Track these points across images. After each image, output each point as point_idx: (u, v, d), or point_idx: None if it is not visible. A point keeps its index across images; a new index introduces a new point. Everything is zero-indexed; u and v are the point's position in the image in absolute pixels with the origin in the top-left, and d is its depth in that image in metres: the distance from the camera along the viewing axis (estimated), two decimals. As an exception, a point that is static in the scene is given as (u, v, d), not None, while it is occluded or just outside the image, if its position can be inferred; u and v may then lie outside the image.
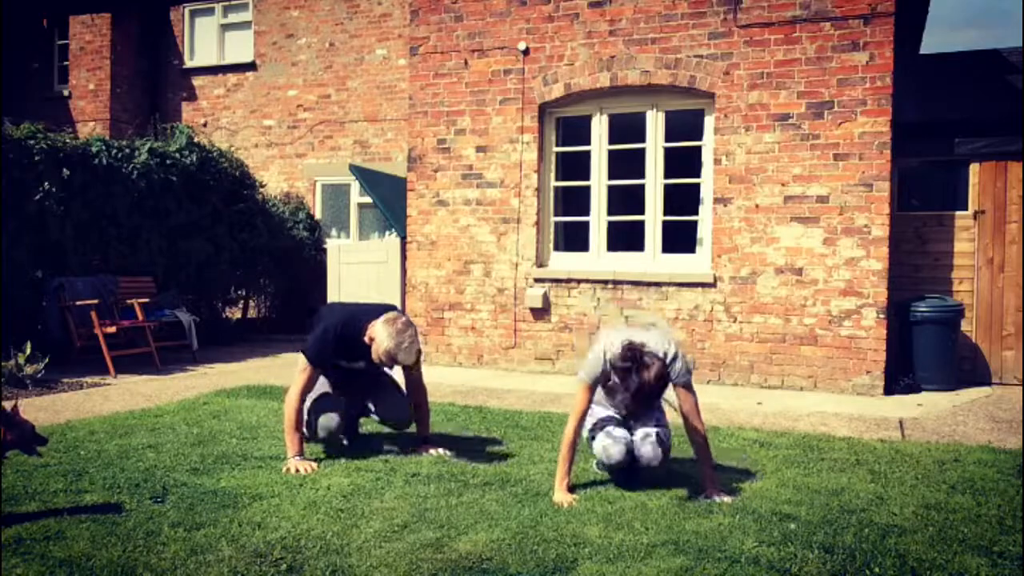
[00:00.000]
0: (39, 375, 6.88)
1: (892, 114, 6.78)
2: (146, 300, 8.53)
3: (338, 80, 12.98)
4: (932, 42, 44.49)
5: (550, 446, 4.65)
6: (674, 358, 3.79)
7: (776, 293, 7.13)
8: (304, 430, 4.38)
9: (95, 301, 7.86)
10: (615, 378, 3.76)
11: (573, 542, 3.16)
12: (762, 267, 7.17)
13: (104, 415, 5.68)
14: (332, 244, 11.34)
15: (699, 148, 7.58)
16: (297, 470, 4.13)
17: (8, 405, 3.41)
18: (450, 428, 5.25)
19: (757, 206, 7.18)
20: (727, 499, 3.72)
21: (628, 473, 4.01)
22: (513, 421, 5.54)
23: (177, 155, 9.52)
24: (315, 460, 4.29)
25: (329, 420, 4.41)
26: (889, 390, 6.88)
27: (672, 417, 4.09)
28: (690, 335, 7.37)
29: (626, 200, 7.98)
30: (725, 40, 7.23)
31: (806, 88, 6.98)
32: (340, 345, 4.30)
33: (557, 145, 8.10)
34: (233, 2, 13.79)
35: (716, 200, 7.33)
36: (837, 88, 6.88)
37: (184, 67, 14.11)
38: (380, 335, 4.09)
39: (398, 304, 5.06)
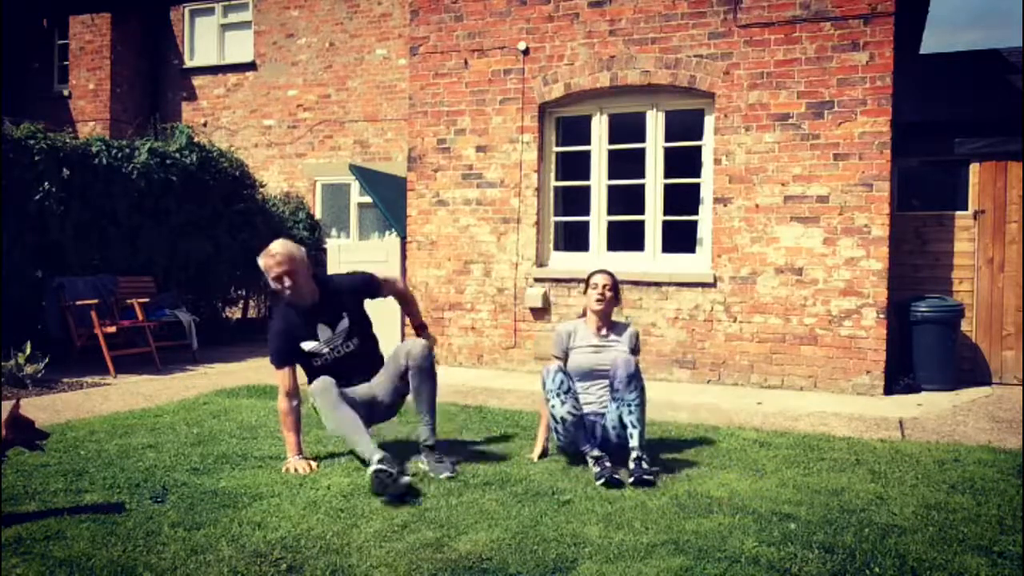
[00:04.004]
0: (39, 375, 6.88)
1: (892, 114, 6.78)
2: (146, 300, 8.52)
3: (338, 80, 12.98)
4: (932, 42, 44.53)
5: (550, 446, 4.65)
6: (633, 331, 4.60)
7: (776, 293, 7.13)
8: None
9: (95, 301, 7.85)
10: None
11: (573, 542, 3.15)
12: (762, 267, 7.17)
13: (104, 415, 5.68)
14: (332, 244, 11.31)
15: (699, 148, 7.57)
16: (297, 470, 4.14)
17: (7, 405, 3.41)
18: (450, 428, 5.25)
19: (757, 206, 7.18)
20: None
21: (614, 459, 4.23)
22: (513, 421, 5.54)
23: (177, 155, 9.51)
24: (315, 460, 4.29)
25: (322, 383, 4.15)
26: (889, 390, 6.88)
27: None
28: (690, 335, 7.37)
29: (626, 200, 7.97)
30: (725, 40, 7.23)
31: (806, 88, 6.98)
32: (290, 331, 4.31)
33: (557, 145, 8.10)
34: (233, 2, 13.80)
35: (716, 200, 7.33)
36: (837, 88, 6.88)
37: (184, 67, 14.12)
38: (260, 264, 4.29)
39: (398, 307, 5.03)
